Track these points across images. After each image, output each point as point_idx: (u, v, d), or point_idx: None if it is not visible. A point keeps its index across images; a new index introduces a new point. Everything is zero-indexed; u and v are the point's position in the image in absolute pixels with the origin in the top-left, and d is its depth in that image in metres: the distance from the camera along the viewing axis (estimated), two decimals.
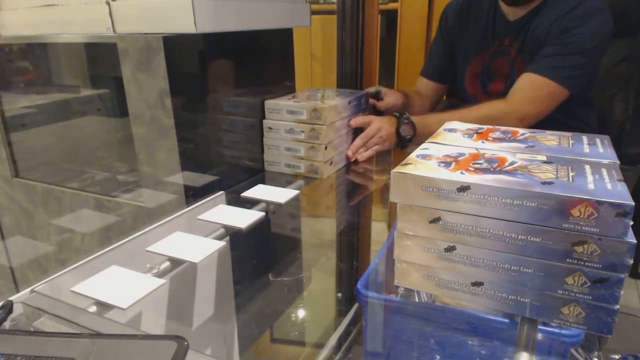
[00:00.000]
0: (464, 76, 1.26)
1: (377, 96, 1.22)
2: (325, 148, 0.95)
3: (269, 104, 0.98)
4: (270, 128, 0.99)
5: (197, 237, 0.67)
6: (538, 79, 1.05)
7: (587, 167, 0.49)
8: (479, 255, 0.48)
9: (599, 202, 0.40)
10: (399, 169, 0.49)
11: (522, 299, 0.47)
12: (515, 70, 1.15)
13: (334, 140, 0.98)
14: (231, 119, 0.94)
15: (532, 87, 1.06)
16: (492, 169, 0.49)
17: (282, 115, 0.97)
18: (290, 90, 1.10)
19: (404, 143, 1.07)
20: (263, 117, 1.00)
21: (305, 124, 0.95)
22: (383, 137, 1.05)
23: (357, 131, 1.07)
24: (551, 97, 1.05)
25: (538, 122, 1.07)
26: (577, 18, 1.03)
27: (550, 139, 0.57)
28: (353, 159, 1.06)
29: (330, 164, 0.99)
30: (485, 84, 1.23)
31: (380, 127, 1.05)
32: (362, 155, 1.06)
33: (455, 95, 1.40)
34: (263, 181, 0.97)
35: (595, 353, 0.50)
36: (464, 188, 0.46)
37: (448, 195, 0.47)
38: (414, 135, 1.06)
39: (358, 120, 1.05)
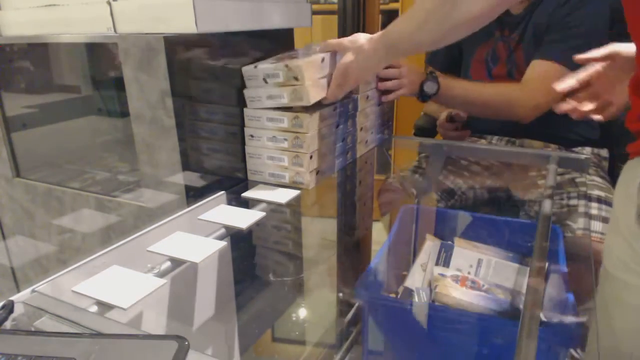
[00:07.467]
0: (470, 63, 1.31)
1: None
2: (310, 157, 0.88)
3: (248, 111, 0.91)
4: (252, 136, 0.91)
5: (198, 237, 0.67)
6: (548, 65, 1.11)
7: None
8: None
9: None
10: None
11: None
12: (514, 58, 1.22)
13: (320, 148, 0.91)
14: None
15: (545, 75, 1.10)
16: None
17: (262, 123, 0.89)
18: None
19: (424, 98, 1.09)
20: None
21: (288, 132, 0.87)
22: (405, 83, 1.07)
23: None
24: None
25: (546, 127, 1.11)
26: (576, 3, 1.11)
27: None
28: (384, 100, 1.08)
29: (317, 173, 0.91)
30: (490, 68, 1.28)
31: (406, 74, 1.07)
32: (387, 97, 1.08)
33: None
34: (246, 188, 0.90)
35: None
36: None
37: None
38: (435, 94, 1.09)
39: (390, 71, 1.06)
